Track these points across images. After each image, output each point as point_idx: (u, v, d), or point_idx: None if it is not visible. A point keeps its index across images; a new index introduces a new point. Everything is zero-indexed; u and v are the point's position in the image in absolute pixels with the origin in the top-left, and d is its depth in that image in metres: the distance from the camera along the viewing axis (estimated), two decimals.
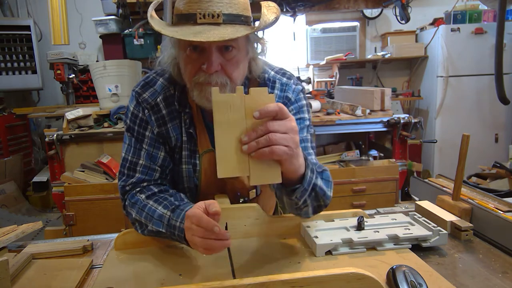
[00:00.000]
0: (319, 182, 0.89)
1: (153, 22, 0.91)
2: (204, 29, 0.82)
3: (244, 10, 0.88)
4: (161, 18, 0.95)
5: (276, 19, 0.91)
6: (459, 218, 1.08)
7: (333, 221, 1.07)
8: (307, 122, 1.07)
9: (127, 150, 1.05)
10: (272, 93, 1.03)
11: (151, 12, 0.94)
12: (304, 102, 1.08)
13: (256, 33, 0.96)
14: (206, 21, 0.83)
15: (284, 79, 1.08)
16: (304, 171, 0.83)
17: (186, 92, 1.02)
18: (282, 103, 0.99)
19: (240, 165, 0.72)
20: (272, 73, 1.08)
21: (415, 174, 3.27)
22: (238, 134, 0.72)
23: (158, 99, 1.03)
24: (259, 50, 1.00)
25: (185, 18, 0.85)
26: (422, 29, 4.41)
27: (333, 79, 4.15)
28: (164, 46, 1.02)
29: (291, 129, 0.74)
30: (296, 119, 1.00)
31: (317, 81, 4.16)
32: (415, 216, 1.07)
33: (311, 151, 1.05)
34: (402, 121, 2.91)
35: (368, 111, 2.93)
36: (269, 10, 0.93)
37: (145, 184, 1.03)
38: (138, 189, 1.03)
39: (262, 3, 0.94)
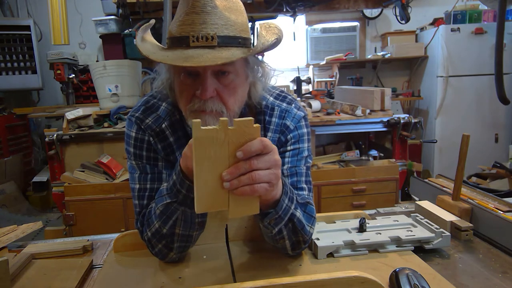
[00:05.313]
0: (298, 214, 0.86)
1: (143, 46, 0.85)
2: (197, 53, 0.77)
3: (242, 31, 0.82)
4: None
5: (278, 40, 0.85)
6: (459, 218, 1.08)
7: (335, 222, 1.07)
8: (305, 153, 0.99)
9: (140, 179, 0.94)
10: (271, 120, 0.99)
11: (142, 35, 0.88)
12: (304, 130, 1.01)
13: (256, 56, 0.90)
14: (199, 44, 0.78)
15: (284, 104, 1.01)
16: (279, 197, 0.80)
17: None
18: (279, 131, 0.99)
19: (219, 200, 0.70)
20: (271, 99, 1.01)
21: (415, 174, 3.26)
22: (220, 169, 0.68)
23: (164, 126, 0.95)
24: (259, 74, 0.93)
25: (177, 41, 0.80)
26: (422, 29, 4.41)
27: (333, 79, 4.15)
28: (159, 69, 0.95)
29: (274, 163, 0.71)
30: (294, 149, 0.98)
31: (317, 81, 4.16)
32: (417, 218, 1.06)
33: (304, 185, 0.96)
34: (402, 121, 2.90)
35: (368, 111, 2.93)
36: (268, 31, 0.87)
37: None
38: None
39: (261, 24, 0.88)
